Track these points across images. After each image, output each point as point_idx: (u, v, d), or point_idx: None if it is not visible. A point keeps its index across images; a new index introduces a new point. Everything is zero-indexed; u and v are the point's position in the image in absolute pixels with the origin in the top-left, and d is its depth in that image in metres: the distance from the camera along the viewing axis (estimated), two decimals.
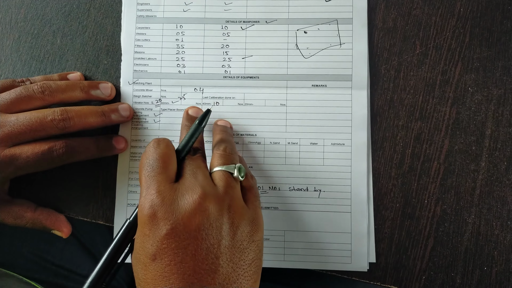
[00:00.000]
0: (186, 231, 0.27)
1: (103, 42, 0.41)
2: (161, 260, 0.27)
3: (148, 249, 0.27)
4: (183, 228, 0.27)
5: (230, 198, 0.30)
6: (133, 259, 0.30)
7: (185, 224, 0.27)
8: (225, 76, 0.40)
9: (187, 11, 0.41)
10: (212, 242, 0.28)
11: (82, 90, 0.38)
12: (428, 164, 0.39)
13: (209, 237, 0.28)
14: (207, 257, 0.27)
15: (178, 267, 0.27)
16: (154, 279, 0.27)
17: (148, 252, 0.27)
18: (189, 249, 0.27)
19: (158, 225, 0.28)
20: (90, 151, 0.37)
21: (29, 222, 0.37)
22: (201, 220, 0.28)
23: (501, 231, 0.38)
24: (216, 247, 0.28)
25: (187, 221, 0.28)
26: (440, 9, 0.40)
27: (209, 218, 0.28)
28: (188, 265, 0.27)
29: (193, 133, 0.33)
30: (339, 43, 0.40)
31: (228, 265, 0.28)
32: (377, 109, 0.40)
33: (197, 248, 0.27)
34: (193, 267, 0.27)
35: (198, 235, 0.27)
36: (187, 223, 0.27)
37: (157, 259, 0.27)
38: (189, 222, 0.27)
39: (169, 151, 0.31)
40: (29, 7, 0.42)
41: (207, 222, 0.28)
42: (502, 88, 0.39)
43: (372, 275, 0.38)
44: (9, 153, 0.34)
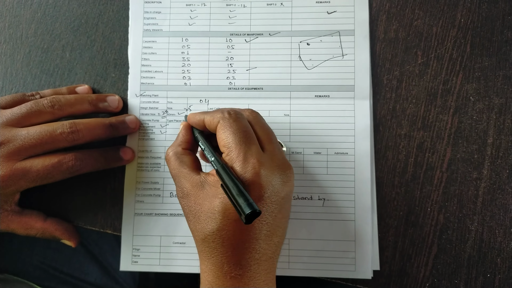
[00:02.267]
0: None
1: (111, 56, 0.42)
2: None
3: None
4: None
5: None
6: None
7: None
8: (230, 87, 0.41)
9: (192, 25, 0.42)
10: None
11: (91, 103, 0.39)
12: (431, 172, 0.39)
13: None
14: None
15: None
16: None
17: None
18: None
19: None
20: (98, 162, 0.38)
21: (39, 232, 0.38)
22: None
23: (504, 238, 0.38)
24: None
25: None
26: (441, 19, 0.41)
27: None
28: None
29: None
30: (342, 54, 0.41)
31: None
32: (380, 119, 0.40)
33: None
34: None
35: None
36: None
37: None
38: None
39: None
40: (39, 23, 0.43)
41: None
42: (503, 97, 0.39)
43: (376, 283, 0.38)
44: (20, 167, 0.35)
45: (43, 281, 0.47)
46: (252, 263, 0.31)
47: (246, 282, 0.31)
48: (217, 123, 0.33)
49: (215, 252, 0.31)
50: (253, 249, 0.31)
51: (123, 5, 0.43)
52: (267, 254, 0.32)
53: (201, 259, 0.33)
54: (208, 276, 0.32)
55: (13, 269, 0.46)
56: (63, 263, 0.49)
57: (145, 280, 0.57)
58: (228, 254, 0.31)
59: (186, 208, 0.33)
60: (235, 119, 0.33)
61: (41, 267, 0.48)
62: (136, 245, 0.40)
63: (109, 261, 0.52)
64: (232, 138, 0.32)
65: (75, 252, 0.50)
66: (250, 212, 0.27)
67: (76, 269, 0.49)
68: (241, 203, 0.28)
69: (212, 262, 0.32)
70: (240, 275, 0.31)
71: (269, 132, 0.35)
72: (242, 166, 0.31)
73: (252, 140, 0.32)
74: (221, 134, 0.32)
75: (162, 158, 0.41)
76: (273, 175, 0.31)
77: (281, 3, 0.42)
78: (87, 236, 0.50)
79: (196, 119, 0.36)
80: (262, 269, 0.32)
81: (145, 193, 0.40)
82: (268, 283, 0.32)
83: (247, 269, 0.31)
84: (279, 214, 0.32)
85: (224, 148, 0.32)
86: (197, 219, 0.32)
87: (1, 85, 0.42)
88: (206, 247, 0.32)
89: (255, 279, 0.31)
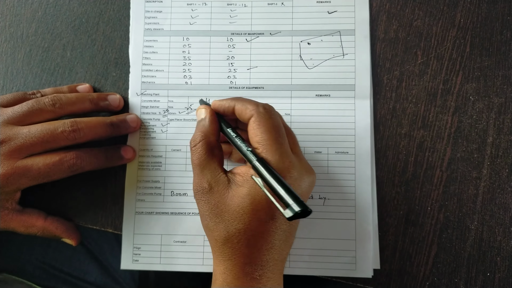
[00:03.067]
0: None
1: (111, 55, 0.42)
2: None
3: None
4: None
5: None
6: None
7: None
8: (231, 86, 0.41)
9: (193, 24, 0.42)
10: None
11: (91, 102, 0.39)
12: (431, 171, 0.39)
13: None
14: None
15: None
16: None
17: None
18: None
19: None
20: (100, 161, 0.38)
21: (40, 230, 0.38)
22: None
23: (503, 237, 0.38)
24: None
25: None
26: (441, 20, 0.41)
27: None
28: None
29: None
30: (342, 53, 0.41)
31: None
32: (380, 118, 0.40)
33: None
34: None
35: None
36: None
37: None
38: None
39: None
40: (40, 22, 0.43)
41: None
42: (503, 97, 0.40)
43: (377, 282, 0.38)
44: (21, 165, 0.35)
45: (42, 281, 0.47)
46: (271, 264, 0.31)
47: (265, 283, 0.31)
48: (250, 115, 0.32)
49: (237, 253, 0.31)
50: (274, 250, 0.31)
51: (124, 4, 0.43)
52: (283, 255, 0.32)
53: (220, 260, 0.32)
54: (228, 277, 0.31)
55: (12, 268, 0.46)
56: (63, 263, 0.49)
57: (145, 280, 0.57)
58: (252, 255, 0.31)
59: (205, 205, 0.32)
60: (270, 115, 0.32)
61: (40, 267, 0.47)
62: (136, 244, 0.40)
63: (109, 261, 0.52)
64: (268, 135, 0.31)
65: (75, 252, 0.50)
66: (300, 211, 0.26)
67: (76, 269, 0.49)
68: (287, 200, 0.27)
69: (233, 263, 0.31)
70: (260, 276, 0.31)
71: (294, 135, 0.35)
72: (276, 165, 0.30)
73: (285, 141, 0.32)
74: (255, 129, 0.32)
75: (163, 156, 0.41)
76: (302, 179, 0.31)
77: (282, 3, 0.42)
78: (87, 236, 0.50)
79: (224, 105, 0.35)
80: (278, 269, 0.32)
81: (146, 192, 0.40)
82: (280, 283, 0.32)
83: (267, 269, 0.31)
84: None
85: (257, 145, 0.32)
86: (220, 218, 0.31)
87: (2, 84, 0.42)
88: (228, 248, 0.31)
89: (272, 279, 0.31)
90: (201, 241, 0.40)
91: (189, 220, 0.40)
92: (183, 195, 0.40)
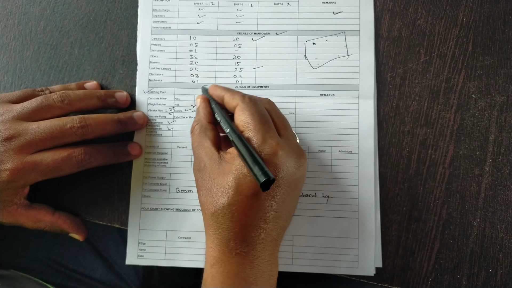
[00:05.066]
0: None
1: (119, 53, 0.43)
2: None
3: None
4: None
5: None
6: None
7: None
8: (237, 85, 0.42)
9: (200, 23, 0.43)
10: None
11: (99, 98, 0.40)
12: (433, 168, 0.40)
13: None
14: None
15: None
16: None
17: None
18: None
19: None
20: (107, 157, 0.39)
21: (48, 225, 0.39)
22: None
23: (505, 233, 0.38)
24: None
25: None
26: (444, 19, 0.42)
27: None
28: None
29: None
30: (347, 54, 0.42)
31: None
32: (383, 116, 0.41)
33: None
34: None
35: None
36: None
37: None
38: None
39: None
40: (48, 20, 0.44)
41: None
42: (505, 95, 0.40)
43: (380, 277, 0.39)
44: (31, 160, 0.36)
45: (48, 277, 0.47)
46: (258, 242, 0.32)
47: (251, 260, 0.32)
48: (236, 104, 0.35)
49: (222, 227, 0.32)
50: (260, 228, 0.32)
51: (131, 3, 0.44)
52: (272, 235, 0.33)
53: (208, 234, 0.34)
54: (214, 252, 0.33)
55: (19, 265, 0.46)
56: (69, 259, 0.49)
57: (149, 277, 0.57)
58: (236, 230, 0.32)
59: (199, 181, 0.34)
60: (254, 103, 0.34)
61: (47, 263, 0.48)
62: (142, 240, 0.40)
63: (114, 258, 0.52)
64: (251, 119, 0.33)
65: (80, 249, 0.50)
66: (265, 180, 0.28)
67: (81, 265, 0.50)
68: (256, 172, 0.29)
69: (218, 237, 0.32)
70: (245, 252, 0.32)
71: (284, 120, 0.36)
72: (259, 145, 0.32)
73: (270, 124, 0.33)
74: (240, 115, 0.34)
75: (169, 153, 0.41)
76: (288, 158, 0.32)
77: (288, 3, 0.42)
78: (93, 233, 0.50)
79: (216, 92, 0.37)
80: (267, 249, 0.33)
81: (152, 188, 0.41)
82: (271, 263, 0.33)
83: (252, 247, 0.32)
84: (288, 197, 0.33)
85: (242, 128, 0.33)
86: (209, 192, 0.33)
87: (11, 81, 0.43)
88: (215, 222, 0.32)
89: (259, 258, 0.32)
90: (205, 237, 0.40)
91: (194, 217, 0.40)
92: (188, 192, 0.41)
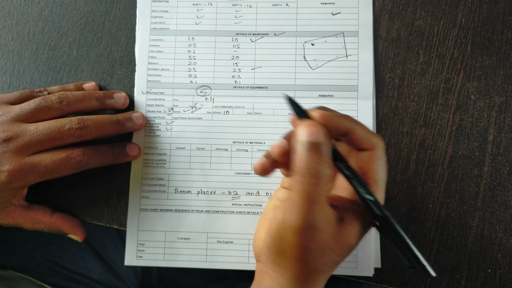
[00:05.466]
0: None
1: (117, 53, 0.43)
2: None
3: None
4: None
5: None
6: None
7: None
8: (235, 86, 0.42)
9: (199, 24, 0.43)
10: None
11: (98, 99, 0.40)
12: (432, 169, 0.40)
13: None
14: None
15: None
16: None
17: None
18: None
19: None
20: (106, 158, 0.39)
21: (46, 226, 0.39)
22: None
23: (504, 234, 0.39)
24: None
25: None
26: (442, 19, 0.42)
27: None
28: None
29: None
30: (346, 55, 0.42)
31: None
32: (382, 116, 0.41)
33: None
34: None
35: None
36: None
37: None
38: None
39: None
40: (47, 20, 0.44)
41: None
42: (504, 96, 0.40)
43: (379, 278, 0.39)
44: (29, 161, 0.36)
45: (47, 278, 0.47)
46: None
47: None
48: (372, 148, 0.30)
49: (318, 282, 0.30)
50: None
51: (130, 3, 0.43)
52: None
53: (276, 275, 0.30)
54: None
55: (17, 265, 0.46)
56: (67, 260, 0.49)
57: (148, 277, 0.57)
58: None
59: (305, 242, 0.29)
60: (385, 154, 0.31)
61: (45, 264, 0.48)
62: (141, 240, 0.40)
63: (113, 258, 0.52)
64: (385, 177, 0.31)
65: (79, 249, 0.50)
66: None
67: (79, 266, 0.50)
68: (424, 263, 0.29)
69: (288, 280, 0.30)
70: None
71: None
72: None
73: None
74: (378, 166, 0.30)
75: (167, 154, 0.41)
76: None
77: (287, 4, 0.42)
78: (91, 233, 0.50)
79: (340, 123, 0.30)
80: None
81: (151, 189, 0.41)
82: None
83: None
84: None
85: (372, 182, 0.30)
86: (322, 253, 0.29)
87: (9, 82, 0.43)
88: (317, 280, 0.30)
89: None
90: (204, 238, 0.40)
91: (193, 217, 0.40)
92: (187, 193, 0.41)
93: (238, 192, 0.40)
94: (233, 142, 0.41)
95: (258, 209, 0.40)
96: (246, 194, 0.40)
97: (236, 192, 0.40)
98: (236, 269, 0.40)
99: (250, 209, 0.40)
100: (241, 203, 0.40)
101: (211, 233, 0.40)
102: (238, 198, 0.40)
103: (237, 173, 0.41)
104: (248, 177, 0.40)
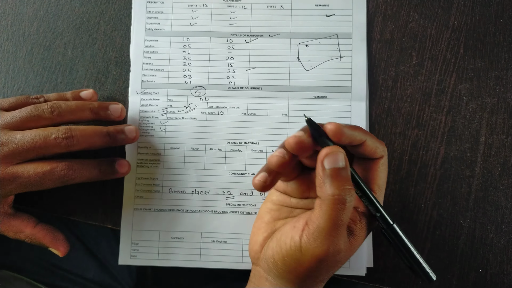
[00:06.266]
0: None
1: (112, 54, 0.43)
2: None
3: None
4: None
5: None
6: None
7: None
8: (230, 86, 0.42)
9: (193, 25, 0.43)
10: None
11: (92, 111, 0.38)
12: (424, 170, 0.40)
13: None
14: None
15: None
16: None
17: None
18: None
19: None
20: (92, 174, 0.37)
21: (28, 237, 0.38)
22: None
23: (495, 234, 0.39)
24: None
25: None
26: (435, 21, 0.42)
27: None
28: None
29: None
30: (339, 56, 0.42)
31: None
32: (375, 118, 0.41)
33: None
34: None
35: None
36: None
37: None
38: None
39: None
40: (42, 21, 0.44)
41: None
42: (496, 97, 0.41)
43: (371, 277, 0.39)
44: (11, 171, 0.35)
45: (41, 277, 0.47)
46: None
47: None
48: (380, 156, 0.32)
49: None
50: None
51: (125, 4, 0.44)
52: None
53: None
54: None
55: (11, 265, 0.46)
56: (62, 259, 0.49)
57: (143, 277, 0.57)
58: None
59: (331, 263, 0.31)
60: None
61: (39, 263, 0.48)
62: (135, 240, 0.40)
63: (107, 258, 0.52)
64: (385, 181, 0.33)
65: (73, 249, 0.50)
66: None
67: (74, 265, 0.50)
68: (427, 268, 0.31)
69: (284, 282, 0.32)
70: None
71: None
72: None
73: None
74: (382, 172, 0.33)
75: (161, 154, 0.41)
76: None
77: (281, 5, 0.43)
78: (85, 233, 0.50)
79: (356, 136, 0.30)
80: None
81: (145, 189, 0.41)
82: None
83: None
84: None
85: (376, 188, 0.32)
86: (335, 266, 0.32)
87: (4, 82, 0.43)
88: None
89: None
90: (198, 237, 0.40)
91: (187, 217, 0.40)
92: (181, 193, 0.41)
93: (232, 192, 0.41)
94: (227, 142, 0.41)
95: (252, 209, 0.40)
96: (240, 194, 0.41)
97: (230, 192, 0.41)
98: (229, 269, 0.40)
99: (244, 209, 0.40)
100: (235, 203, 0.40)
101: (205, 233, 0.40)
102: (232, 198, 0.41)
103: (231, 173, 0.41)
104: (242, 177, 0.41)
